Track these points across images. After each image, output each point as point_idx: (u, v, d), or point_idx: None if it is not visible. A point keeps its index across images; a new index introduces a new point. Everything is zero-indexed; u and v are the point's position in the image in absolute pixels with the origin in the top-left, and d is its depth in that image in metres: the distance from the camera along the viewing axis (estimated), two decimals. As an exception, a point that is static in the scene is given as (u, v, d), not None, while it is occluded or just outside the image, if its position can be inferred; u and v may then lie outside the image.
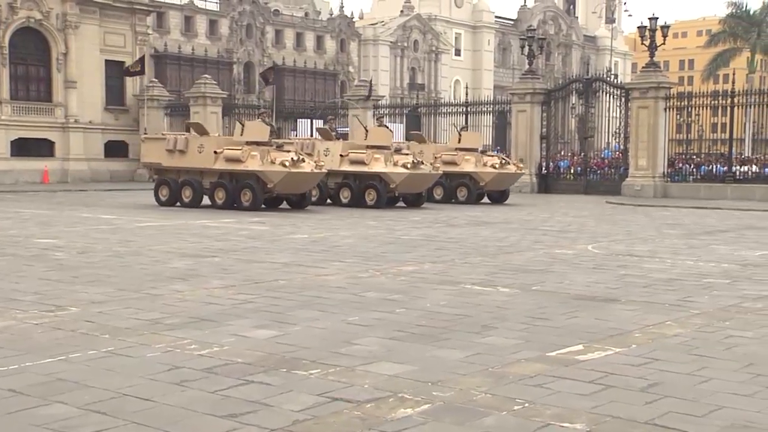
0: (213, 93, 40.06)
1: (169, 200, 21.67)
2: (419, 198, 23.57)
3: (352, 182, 22.58)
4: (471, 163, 25.54)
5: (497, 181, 25.88)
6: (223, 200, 20.65)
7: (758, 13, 59.12)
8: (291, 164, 19.85)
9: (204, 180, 21.31)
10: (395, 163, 22.20)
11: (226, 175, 20.78)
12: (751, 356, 5.81)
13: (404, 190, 22.68)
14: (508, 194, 26.72)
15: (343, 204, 22.47)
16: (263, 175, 20.05)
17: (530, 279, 9.45)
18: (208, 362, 5.47)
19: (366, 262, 10.77)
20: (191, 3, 59.91)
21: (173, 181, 21.74)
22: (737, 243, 14.18)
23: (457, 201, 25.46)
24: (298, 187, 20.83)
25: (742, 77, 53.76)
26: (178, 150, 21.28)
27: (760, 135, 34.98)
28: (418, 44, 76.57)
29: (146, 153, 22.87)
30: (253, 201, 20.18)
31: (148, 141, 23.46)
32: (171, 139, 21.64)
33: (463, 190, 25.62)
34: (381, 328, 6.60)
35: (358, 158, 22.36)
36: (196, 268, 10.04)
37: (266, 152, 20.14)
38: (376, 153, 22.25)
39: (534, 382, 5.07)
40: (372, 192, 22.23)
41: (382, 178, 22.15)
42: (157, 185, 22.30)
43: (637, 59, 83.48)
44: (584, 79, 35.44)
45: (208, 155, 20.78)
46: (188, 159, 21.24)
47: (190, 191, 21.38)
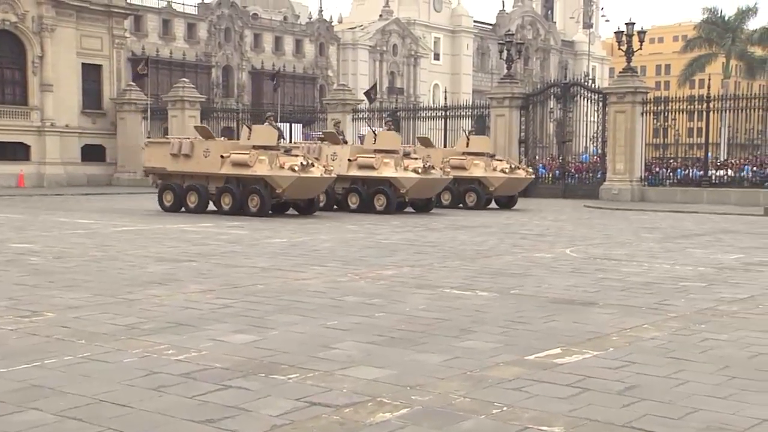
0: (191, 97, 39.91)
1: (174, 206, 21.12)
2: (428, 203, 23.13)
3: (360, 187, 22.14)
4: (480, 167, 25.02)
5: (507, 186, 25.36)
6: (229, 206, 20.17)
7: (733, 19, 59.84)
8: (300, 169, 19.43)
9: (210, 185, 20.81)
10: (405, 167, 21.82)
11: (233, 180, 20.30)
12: (726, 359, 5.86)
13: (414, 195, 22.28)
14: (516, 200, 26.17)
15: (352, 210, 21.95)
16: (272, 180, 19.59)
17: (509, 283, 9.48)
18: (185, 367, 5.43)
19: (345, 266, 10.75)
20: (169, 6, 59.67)
21: (178, 186, 21.19)
22: (713, 246, 14.32)
23: (465, 206, 24.91)
24: (306, 192, 20.38)
25: (718, 82, 54.36)
26: (183, 154, 20.74)
27: (735, 139, 35.38)
28: (397, 48, 76.71)
29: (150, 157, 22.23)
30: (261, 207, 19.70)
31: (151, 145, 22.86)
32: (176, 143, 21.12)
33: (471, 195, 25.06)
34: (360, 333, 6.59)
35: (366, 163, 21.87)
36: (173, 272, 9.98)
37: (275, 157, 19.67)
38: (386, 157, 21.83)
39: (512, 386, 5.09)
40: (381, 197, 21.80)
41: (392, 183, 21.72)
42: (161, 190, 21.71)
43: (614, 64, 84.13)
44: (562, 84, 35.66)
45: (214, 160, 20.31)
46: (193, 163, 20.73)
47: (195, 197, 20.86)
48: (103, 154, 42.13)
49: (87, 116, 41.48)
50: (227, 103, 58.03)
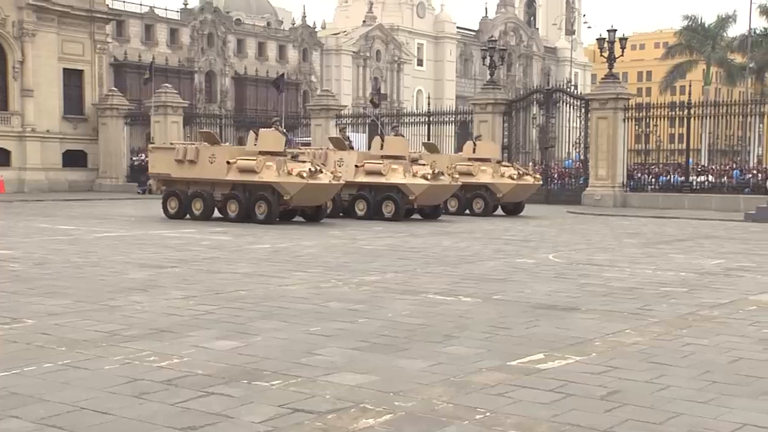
0: (174, 102, 39.72)
1: (179, 213, 20.65)
2: (436, 210, 22.68)
3: (368, 194, 21.68)
4: (488, 173, 24.50)
5: (515, 193, 24.84)
6: (236, 213, 19.73)
7: (713, 26, 60.36)
8: (309, 175, 19.02)
9: (215, 192, 20.36)
10: (414, 174, 21.38)
11: (239, 186, 19.89)
12: (707, 363, 5.90)
13: (423, 202, 21.84)
14: (523, 206, 25.63)
15: (359, 217, 21.52)
16: (279, 187, 19.20)
17: (492, 288, 9.50)
18: (167, 374, 5.40)
19: (328, 272, 10.74)
20: (151, 11, 59.46)
21: (183, 192, 20.69)
22: (694, 252, 14.41)
23: (472, 213, 24.42)
24: (315, 199, 19.94)
25: (699, 89, 54.82)
26: (188, 160, 20.27)
27: (715, 146, 35.65)
28: (380, 54, 76.81)
29: (154, 163, 21.73)
30: (268, 214, 19.27)
31: (156, 151, 22.34)
32: (181, 149, 20.65)
33: (479, 201, 24.46)
34: (343, 339, 6.58)
35: (374, 169, 21.43)
36: (155, 278, 9.93)
37: (282, 163, 19.28)
38: (394, 163, 21.43)
39: (495, 391, 5.09)
40: (390, 204, 21.33)
41: (401, 189, 21.28)
42: (165, 197, 21.19)
43: (596, 70, 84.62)
44: (545, 90, 35.81)
45: (220, 166, 19.86)
46: (199, 169, 20.27)
47: (200, 203, 20.38)
48: (84, 159, 41.84)
49: (68, 122, 41.20)
50: (210, 108, 57.85)
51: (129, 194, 37.38)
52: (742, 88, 58.30)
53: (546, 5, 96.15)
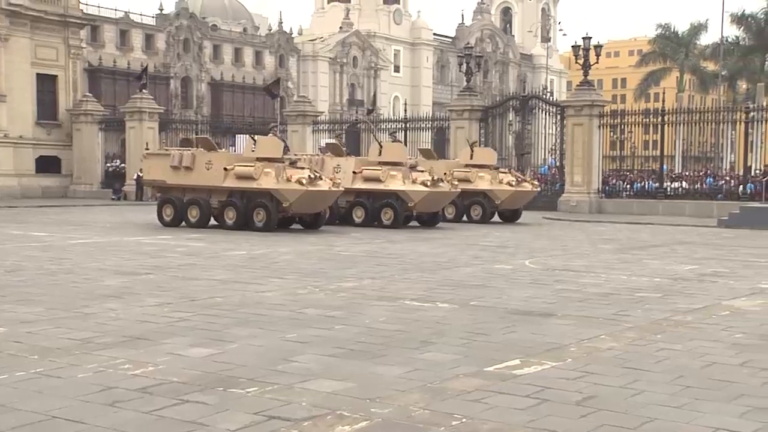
0: (149, 108, 39.46)
1: (174, 220, 20.20)
2: (435, 217, 22.39)
3: (366, 201, 21.37)
4: (486, 180, 24.23)
5: (513, 200, 24.61)
6: (233, 220, 19.32)
7: (686, 34, 61.07)
8: (308, 182, 18.70)
9: (212, 199, 19.93)
10: (414, 180, 21.09)
11: (237, 193, 19.45)
12: (681, 369, 5.95)
13: (422, 209, 21.57)
14: (520, 213, 25.39)
15: (357, 224, 21.20)
16: (279, 194, 18.83)
17: (469, 294, 9.52)
18: (142, 382, 5.35)
19: (305, 279, 10.71)
20: (127, 17, 59.08)
21: (178, 200, 20.27)
22: (669, 257, 14.54)
23: (470, 220, 24.21)
24: (314, 206, 19.63)
25: (672, 96, 55.36)
26: (184, 167, 19.85)
27: (689, 152, 36.00)
28: (357, 60, 76.87)
29: (148, 170, 21.26)
30: (267, 221, 18.89)
31: (150, 157, 21.77)
32: (176, 155, 20.20)
33: (477, 208, 24.24)
34: (319, 345, 6.56)
35: (373, 175, 21.15)
36: (130, 285, 9.85)
37: (281, 169, 18.94)
38: (392, 170, 21.16)
39: (472, 398, 5.10)
40: (389, 211, 21.04)
41: (400, 196, 21.00)
42: (160, 204, 20.78)
43: (572, 77, 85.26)
44: (521, 97, 36.02)
45: (216, 172, 19.47)
46: (195, 176, 19.83)
47: (197, 211, 19.93)
48: (58, 165, 41.46)
49: (42, 127, 40.82)
50: (186, 114, 57.55)
51: (104, 200, 37.08)
52: (715, 95, 58.98)
53: (522, 13, 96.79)
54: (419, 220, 22.31)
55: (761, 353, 6.51)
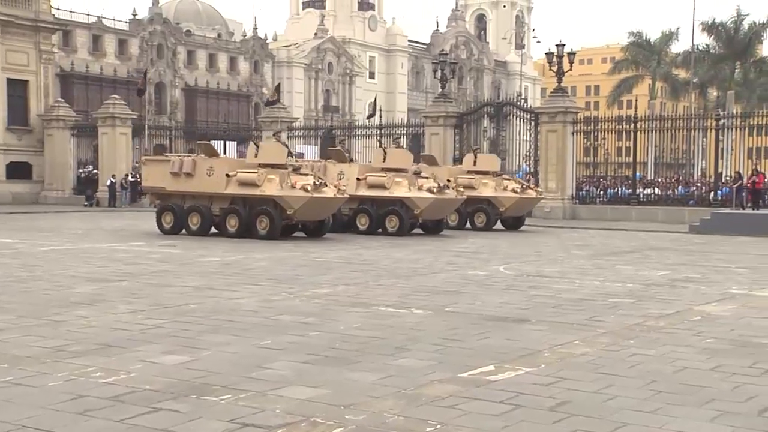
0: (122, 114, 39.16)
1: (174, 228, 19.66)
2: (439, 224, 22.03)
3: (370, 208, 20.94)
4: (490, 187, 23.76)
5: (517, 207, 24.19)
6: (236, 228, 18.82)
7: (658, 42, 61.74)
8: (313, 189, 18.32)
9: (213, 206, 19.43)
10: (420, 187, 20.75)
11: (239, 200, 19.00)
12: (653, 373, 6.00)
13: (427, 216, 21.20)
14: (524, 220, 25.05)
15: (361, 231, 20.80)
16: (283, 201, 18.35)
17: (443, 300, 9.53)
18: (113, 390, 5.30)
19: (279, 285, 10.67)
20: (99, 22, 58.65)
21: (178, 207, 19.75)
22: (641, 263, 14.67)
23: (474, 227, 23.70)
24: (318, 213, 19.20)
25: (645, 103, 55.98)
26: (185, 173, 19.35)
27: (661, 159, 36.40)
28: (332, 66, 76.88)
29: (148, 176, 20.64)
30: (271, 229, 18.39)
31: (149, 163, 21.10)
32: (176, 161, 19.76)
33: (481, 216, 23.73)
34: (294, 352, 6.53)
35: (377, 182, 20.75)
36: (102, 292, 9.75)
37: (285, 176, 18.48)
38: (397, 176, 20.77)
39: (446, 404, 5.10)
40: (394, 218, 20.67)
41: (405, 203, 20.64)
42: (159, 211, 20.17)
43: (546, 84, 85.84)
44: (495, 103, 36.20)
45: (218, 179, 18.99)
46: (196, 183, 19.35)
47: (197, 218, 19.40)
48: (29, 171, 40.99)
49: (12, 133, 40.35)
50: (160, 120, 57.21)
51: (76, 207, 36.70)
52: (686, 102, 59.70)
53: (496, 20, 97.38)
54: (423, 228, 21.90)
55: (732, 358, 6.58)
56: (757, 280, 12.26)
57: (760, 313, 8.97)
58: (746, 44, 56.75)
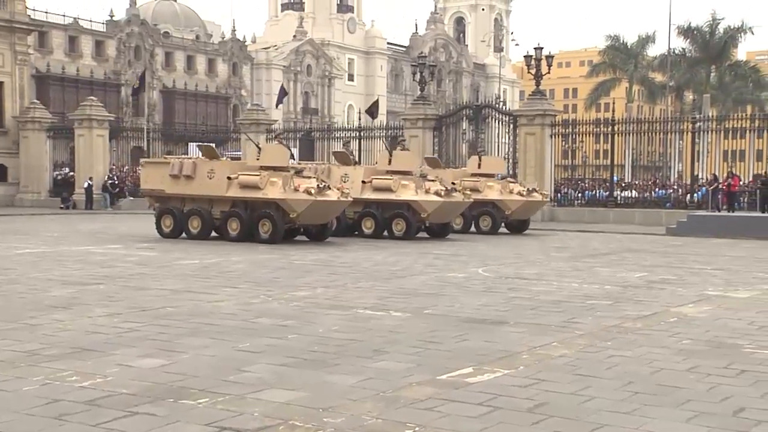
0: (99, 115, 38.83)
1: (174, 231, 19.29)
2: (446, 228, 21.67)
3: (376, 211, 20.61)
4: (495, 190, 23.46)
5: (523, 210, 23.90)
6: (237, 232, 18.46)
7: (635, 45, 62.26)
8: (317, 192, 18.00)
9: (214, 209, 19.05)
10: (427, 190, 20.41)
11: (241, 203, 18.65)
12: (631, 375, 6.03)
13: (434, 219, 20.88)
14: (528, 223, 24.73)
15: (366, 235, 20.49)
16: (285, 204, 18.02)
17: (422, 303, 9.54)
18: (90, 394, 5.25)
19: (258, 288, 10.63)
20: (76, 23, 58.17)
21: (178, 210, 19.35)
22: (619, 265, 14.76)
23: (478, 231, 23.34)
24: (321, 217, 18.89)
25: (622, 106, 56.39)
26: (185, 175, 18.95)
27: (639, 161, 36.66)
28: (311, 69, 76.77)
29: (146, 179, 20.27)
30: (273, 232, 18.09)
31: (148, 166, 20.88)
32: (176, 164, 19.34)
33: (486, 219, 23.34)
34: (272, 355, 6.51)
35: (383, 185, 20.40)
36: (78, 296, 9.67)
37: (288, 178, 18.22)
38: (404, 179, 20.48)
39: (425, 406, 5.11)
40: (401, 222, 20.35)
41: (412, 206, 20.30)
42: (159, 215, 19.70)
43: (524, 87, 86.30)
44: (474, 106, 36.30)
45: (219, 181, 18.58)
46: (196, 186, 18.95)
47: (198, 222, 19.01)
48: (4, 173, 40.58)
49: (-12, 134, 39.98)
50: (137, 122, 56.81)
51: (52, 209, 36.37)
52: (663, 105, 60.24)
53: (475, 23, 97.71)
54: (429, 231, 21.56)
55: (707, 359, 6.64)
56: (732, 281, 12.38)
57: (735, 315, 9.06)
58: (721, 48, 57.41)
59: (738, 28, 56.90)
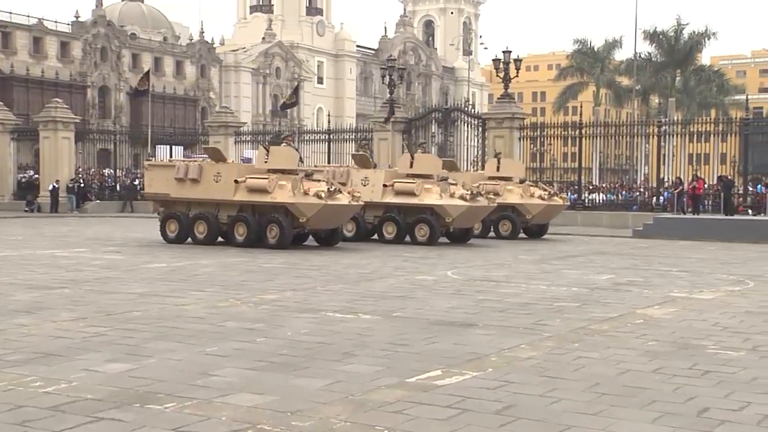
0: (65, 118, 38.32)
1: (179, 236, 18.73)
2: (467, 233, 21.03)
3: (397, 216, 20.05)
4: (515, 194, 22.75)
5: (544, 214, 23.27)
6: (244, 237, 17.90)
7: (602, 49, 62.90)
8: (327, 196, 17.48)
9: (221, 213, 18.51)
10: (452, 194, 19.80)
11: (248, 208, 18.14)
12: (597, 376, 6.09)
13: (458, 224, 20.20)
14: (547, 228, 24.12)
15: (387, 240, 19.90)
16: (294, 208, 17.49)
17: (391, 305, 9.54)
18: (54, 400, 5.18)
19: (226, 291, 10.57)
20: (40, 23, 57.46)
21: (183, 215, 18.80)
22: (586, 267, 14.89)
23: (498, 235, 22.56)
24: (332, 221, 18.36)
25: (590, 109, 56.93)
26: (190, 179, 18.41)
27: (606, 164, 37.02)
28: (280, 71, 76.55)
29: (151, 182, 19.60)
30: (281, 238, 17.52)
31: (152, 169, 20.12)
32: (182, 167, 18.74)
33: (506, 223, 22.61)
34: (241, 359, 6.47)
35: (406, 189, 19.81)
36: (43, 300, 9.53)
37: (297, 182, 17.66)
38: (426, 183, 19.89)
39: (393, 409, 5.11)
40: (424, 227, 19.69)
41: (436, 211, 19.67)
42: (163, 220, 19.15)
43: (493, 90, 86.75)
44: (443, 109, 36.43)
45: (226, 185, 18.06)
46: (202, 189, 18.41)
47: (204, 226, 18.46)
48: (-32, 176, 39.92)
49: (-50, 136, 39.28)
50: (104, 124, 56.27)
51: (16, 212, 35.81)
52: (630, 109, 60.88)
53: (444, 26, 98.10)
54: (449, 237, 20.80)
55: (673, 360, 6.71)
56: (697, 283, 12.55)
57: (700, 316, 9.18)
58: (687, 52, 58.20)
59: (702, 33, 57.72)
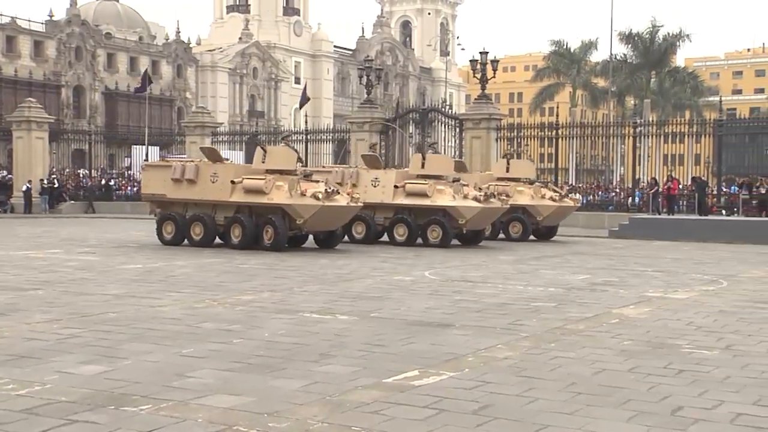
0: (38, 117, 37.90)
1: (176, 238, 18.43)
2: (478, 235, 20.70)
3: (408, 217, 19.71)
4: (526, 195, 22.40)
5: (555, 216, 23.00)
6: (240, 238, 17.59)
7: (578, 51, 63.29)
8: (324, 197, 17.18)
9: (217, 215, 18.23)
10: (465, 195, 19.47)
11: (245, 209, 17.87)
12: (573, 376, 6.12)
13: (471, 226, 19.81)
14: (556, 230, 23.84)
15: (399, 242, 19.51)
16: (291, 210, 17.24)
17: (369, 306, 9.54)
18: (27, 402, 5.12)
19: (203, 292, 10.51)
20: (13, 22, 56.85)
21: (180, 216, 18.51)
22: (562, 267, 14.97)
23: (508, 237, 22.19)
24: (330, 223, 18.07)
25: (566, 110, 57.25)
26: (187, 179, 18.14)
27: (582, 165, 37.24)
28: (257, 71, 76.28)
29: (147, 183, 19.37)
30: (276, 239, 17.28)
31: (149, 169, 19.88)
32: (178, 167, 18.46)
33: (516, 225, 22.23)
34: (217, 360, 6.44)
35: (418, 190, 19.51)
36: (16, 302, 9.43)
37: (295, 183, 17.38)
38: (439, 184, 19.58)
39: (370, 409, 5.10)
40: (436, 229, 19.34)
41: (449, 212, 19.33)
42: (160, 221, 18.89)
43: (470, 91, 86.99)
44: (421, 110, 36.47)
45: (223, 186, 17.78)
46: (199, 190, 18.16)
47: (200, 228, 18.17)
48: (-61, 176, 39.39)
49: None
50: (79, 124, 55.77)
51: (-10, 213, 35.41)
52: (605, 110, 61.29)
53: (421, 27, 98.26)
54: (460, 239, 20.39)
55: (648, 359, 6.77)
56: (671, 283, 12.66)
57: (675, 315, 9.27)
58: (661, 54, 58.71)
59: (677, 35, 58.26)
